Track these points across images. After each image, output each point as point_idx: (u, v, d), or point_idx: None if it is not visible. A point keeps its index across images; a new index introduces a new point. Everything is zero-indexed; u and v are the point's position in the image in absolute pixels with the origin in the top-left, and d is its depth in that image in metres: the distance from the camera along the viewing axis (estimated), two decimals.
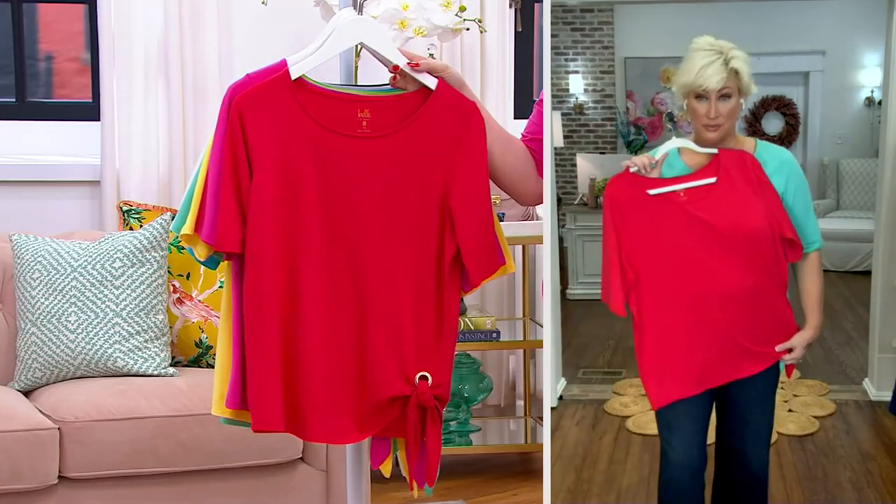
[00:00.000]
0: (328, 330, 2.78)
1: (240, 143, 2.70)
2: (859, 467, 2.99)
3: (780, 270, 2.88)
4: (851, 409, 3.08)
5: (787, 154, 2.93)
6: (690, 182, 2.85)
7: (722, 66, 2.82)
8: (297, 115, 2.73)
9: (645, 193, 2.85)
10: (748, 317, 2.87)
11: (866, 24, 3.03)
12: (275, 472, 4.15)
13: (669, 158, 2.89)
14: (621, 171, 2.89)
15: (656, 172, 2.85)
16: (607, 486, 2.97)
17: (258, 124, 2.71)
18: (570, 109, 3.18)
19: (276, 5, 4.90)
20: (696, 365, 2.88)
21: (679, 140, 2.86)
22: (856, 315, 3.10)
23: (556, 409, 3.00)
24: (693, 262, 2.86)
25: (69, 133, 5.20)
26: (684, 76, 2.84)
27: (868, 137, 3.11)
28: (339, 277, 2.77)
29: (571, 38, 3.09)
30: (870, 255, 3.05)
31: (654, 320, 2.88)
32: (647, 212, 2.86)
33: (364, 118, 2.77)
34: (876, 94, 3.07)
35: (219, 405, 2.84)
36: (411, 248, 2.80)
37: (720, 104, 2.83)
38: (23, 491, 3.86)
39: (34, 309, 4.20)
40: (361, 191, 2.77)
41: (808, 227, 2.89)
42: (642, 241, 2.87)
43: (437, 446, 2.82)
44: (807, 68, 3.15)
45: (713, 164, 2.85)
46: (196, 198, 2.74)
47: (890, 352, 3.02)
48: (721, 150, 2.85)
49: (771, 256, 2.86)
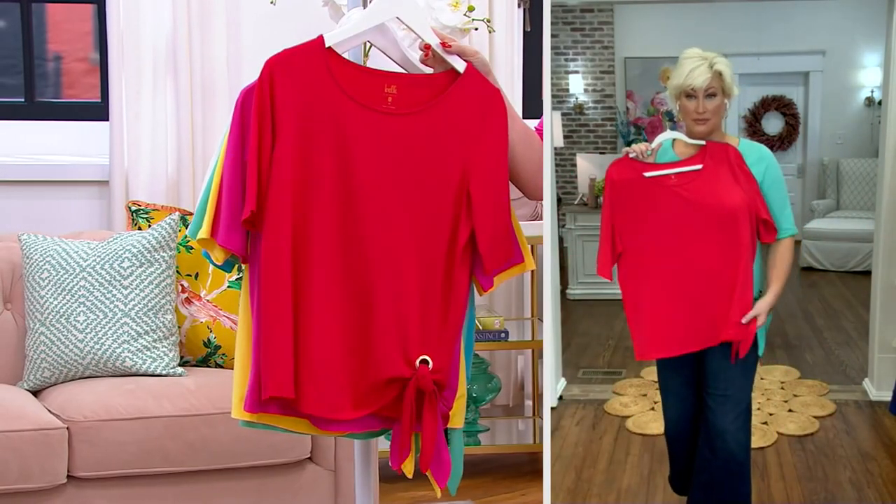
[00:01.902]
0: (336, 305, 2.76)
1: (267, 106, 2.71)
2: (859, 467, 3.00)
3: (753, 250, 3.25)
4: (851, 409, 3.08)
5: (765, 150, 3.28)
6: (680, 168, 3.25)
7: (707, 68, 3.22)
8: (325, 81, 2.73)
9: (641, 176, 3.25)
10: (723, 290, 3.23)
11: (866, 24, 3.03)
12: (283, 472, 4.16)
13: (664, 149, 3.25)
14: (622, 156, 3.27)
15: (652, 158, 3.28)
16: (607, 486, 2.98)
17: (286, 87, 2.71)
18: (570, 109, 3.18)
19: (284, 5, 4.90)
20: (677, 330, 3.25)
21: (673, 132, 3.30)
22: (856, 315, 3.10)
23: (556, 409, 3.00)
24: (677, 238, 3.26)
25: (78, 133, 5.22)
26: (676, 79, 3.24)
27: (868, 137, 3.11)
28: (350, 252, 2.75)
29: (571, 38, 3.10)
30: (870, 255, 3.05)
31: (639, 288, 3.26)
32: (642, 191, 3.26)
33: (390, 93, 2.76)
34: (876, 94, 3.07)
35: (238, 408, 2.83)
36: (424, 229, 2.78)
37: (706, 101, 3.24)
38: (31, 490, 3.86)
39: (43, 309, 4.21)
40: (379, 166, 2.75)
41: (783, 215, 3.25)
42: (635, 216, 3.25)
43: (432, 432, 2.80)
44: (807, 68, 3.15)
45: (700, 154, 3.27)
46: (211, 202, 2.73)
47: (890, 352, 3.02)
48: (708, 143, 3.26)
49: (747, 235, 3.24)
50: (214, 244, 2.73)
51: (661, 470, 3.24)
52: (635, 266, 3.27)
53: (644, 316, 3.25)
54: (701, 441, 3.25)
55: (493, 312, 5.30)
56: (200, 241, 2.74)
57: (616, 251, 3.25)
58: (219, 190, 2.73)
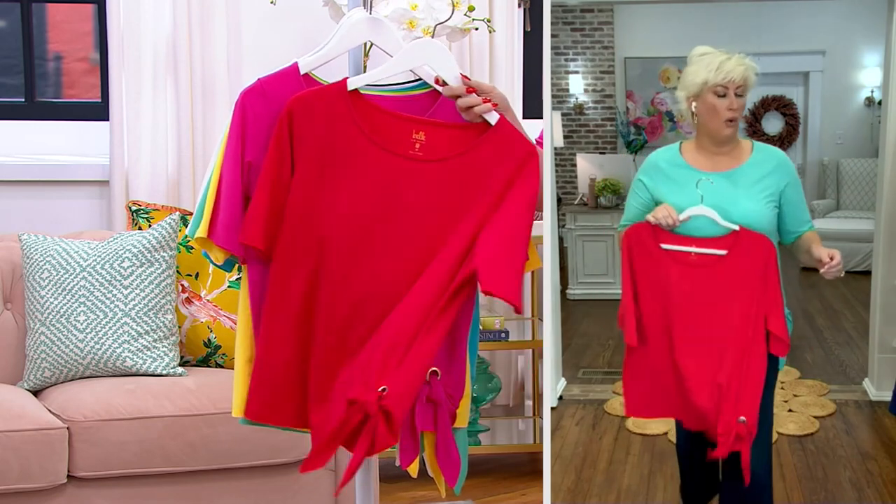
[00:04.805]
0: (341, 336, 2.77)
1: (286, 141, 2.70)
2: (859, 467, 3.00)
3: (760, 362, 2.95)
4: (851, 409, 3.08)
5: (781, 155, 3.02)
6: (703, 248, 2.97)
7: (739, 61, 2.95)
8: (347, 124, 2.71)
9: (658, 246, 2.98)
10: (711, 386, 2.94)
11: (866, 24, 3.03)
12: (283, 472, 4.16)
13: (672, 157, 2.99)
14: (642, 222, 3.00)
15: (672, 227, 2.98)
16: (607, 486, 2.98)
17: (305, 126, 2.69)
18: (570, 109, 3.18)
19: (284, 5, 4.90)
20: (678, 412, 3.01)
21: (703, 208, 2.97)
22: (856, 315, 3.11)
23: (556, 409, 3.01)
24: (684, 325, 2.97)
25: (78, 133, 5.22)
26: (701, 75, 2.94)
27: (868, 137, 3.11)
28: (358, 280, 2.75)
29: (571, 38, 3.10)
30: (870, 255, 3.05)
31: (648, 359, 3.00)
32: (658, 265, 2.98)
33: (419, 140, 2.73)
34: (876, 94, 3.07)
35: (239, 407, 2.83)
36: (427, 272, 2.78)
37: (736, 100, 2.95)
38: (32, 490, 3.86)
39: (43, 309, 4.22)
40: (399, 210, 2.73)
41: (803, 214, 3.01)
42: (650, 289, 2.99)
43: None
44: (807, 68, 3.15)
45: (730, 238, 2.96)
46: (209, 202, 2.73)
47: (890, 352, 3.02)
48: (742, 229, 2.95)
49: (749, 346, 2.93)
50: (212, 244, 2.74)
51: (661, 470, 3.24)
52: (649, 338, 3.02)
53: (643, 388, 3.00)
54: (723, 469, 3.09)
55: (493, 312, 5.30)
56: (198, 241, 2.75)
57: (640, 316, 3.00)
58: (217, 190, 2.73)
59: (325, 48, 2.78)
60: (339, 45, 2.79)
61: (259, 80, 2.74)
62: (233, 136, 2.73)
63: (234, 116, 2.73)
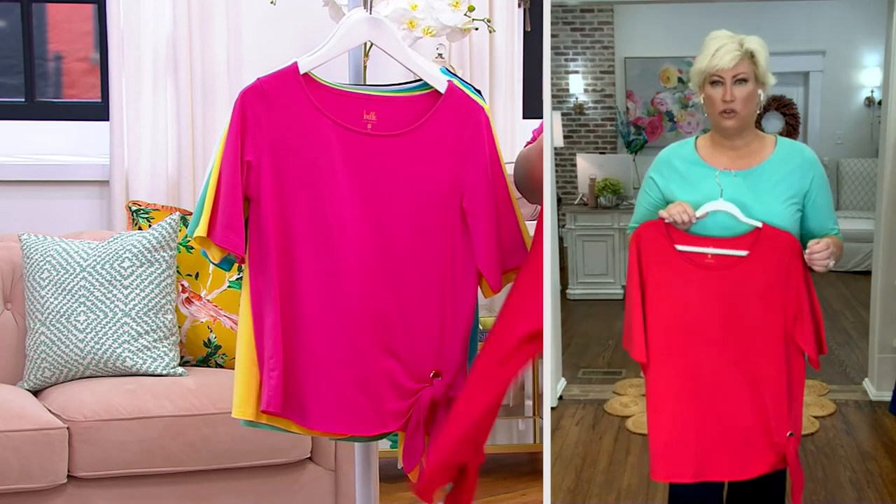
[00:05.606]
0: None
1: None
2: (859, 467, 2.98)
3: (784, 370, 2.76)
4: (851, 409, 3.07)
5: (808, 151, 2.83)
6: (721, 249, 2.72)
7: (736, 47, 2.72)
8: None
9: (673, 248, 2.74)
10: (749, 408, 2.74)
11: (866, 24, 3.02)
12: (283, 472, 4.16)
13: (687, 153, 2.81)
14: (655, 219, 2.76)
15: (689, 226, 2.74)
16: (607, 486, 2.97)
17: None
18: (570, 109, 3.18)
19: (284, 5, 4.91)
20: (693, 452, 2.78)
21: (722, 202, 2.73)
22: (856, 315, 3.09)
23: (556, 409, 3.00)
24: (701, 340, 2.75)
25: (78, 133, 5.23)
26: (699, 63, 2.74)
27: (868, 137, 3.10)
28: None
29: (571, 38, 3.09)
30: (870, 255, 3.04)
31: (660, 388, 2.78)
32: (672, 269, 2.75)
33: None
34: (876, 94, 3.06)
35: (240, 408, 2.83)
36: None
37: (735, 88, 2.71)
38: (32, 490, 3.87)
39: (43, 309, 4.22)
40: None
41: (828, 219, 2.79)
42: (662, 298, 2.77)
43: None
44: (807, 68, 3.14)
45: (751, 237, 2.72)
46: (208, 201, 2.74)
47: (890, 352, 3.01)
48: (765, 226, 2.72)
49: (772, 352, 2.74)
50: (211, 243, 2.74)
51: None
52: (660, 359, 2.77)
53: (657, 426, 2.78)
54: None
55: (493, 312, 5.29)
56: (197, 240, 2.75)
57: (647, 328, 2.76)
58: (216, 189, 2.74)
59: (325, 48, 2.78)
60: (339, 44, 2.80)
61: (259, 79, 2.75)
62: (232, 135, 2.73)
63: (234, 116, 2.74)
